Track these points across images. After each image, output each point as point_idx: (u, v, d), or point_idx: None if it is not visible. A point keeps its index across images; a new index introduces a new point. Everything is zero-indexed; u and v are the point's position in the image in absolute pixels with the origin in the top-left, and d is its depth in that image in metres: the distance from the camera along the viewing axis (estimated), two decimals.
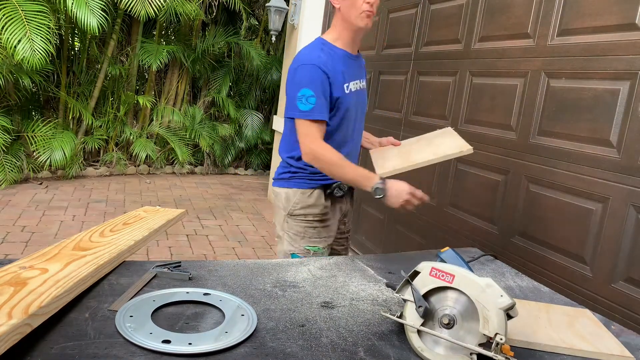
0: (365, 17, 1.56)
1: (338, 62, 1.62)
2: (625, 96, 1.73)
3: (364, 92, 1.77)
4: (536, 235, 2.06)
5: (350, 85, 1.65)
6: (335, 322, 0.98)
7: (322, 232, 1.74)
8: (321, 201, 1.71)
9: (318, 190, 1.70)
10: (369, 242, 3.47)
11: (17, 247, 3.43)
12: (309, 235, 1.73)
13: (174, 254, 3.56)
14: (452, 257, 1.10)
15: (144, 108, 6.17)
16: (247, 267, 1.25)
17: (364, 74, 1.77)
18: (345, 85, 1.63)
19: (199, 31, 6.45)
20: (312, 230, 1.73)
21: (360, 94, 1.73)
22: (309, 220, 1.72)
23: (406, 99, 3.06)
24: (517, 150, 2.18)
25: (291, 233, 1.73)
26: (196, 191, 5.66)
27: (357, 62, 1.73)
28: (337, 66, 1.60)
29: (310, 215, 1.71)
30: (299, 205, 1.71)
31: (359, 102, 1.72)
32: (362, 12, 1.55)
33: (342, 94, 1.61)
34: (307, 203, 1.70)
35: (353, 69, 1.68)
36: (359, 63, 1.74)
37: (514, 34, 2.24)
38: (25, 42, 4.29)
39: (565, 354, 0.95)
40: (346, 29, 1.63)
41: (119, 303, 0.95)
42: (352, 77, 1.66)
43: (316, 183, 1.70)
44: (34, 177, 5.33)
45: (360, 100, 1.73)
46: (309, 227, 1.72)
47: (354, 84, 1.67)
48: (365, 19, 1.56)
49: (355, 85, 1.68)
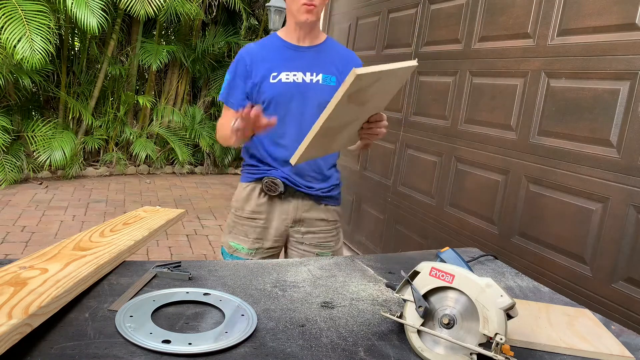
0: (304, 11, 1.52)
1: (270, 51, 1.61)
2: (625, 96, 1.73)
3: (315, 86, 1.59)
4: (536, 235, 2.06)
5: (280, 75, 1.57)
6: (335, 322, 0.98)
7: (249, 233, 1.67)
8: (253, 196, 1.66)
9: (253, 184, 1.67)
10: (369, 242, 3.47)
11: (17, 247, 3.43)
12: (235, 231, 1.69)
13: (174, 254, 3.57)
14: (452, 257, 1.10)
15: (144, 108, 6.17)
16: (247, 267, 1.25)
17: (325, 67, 1.61)
18: (272, 74, 1.57)
19: (199, 31, 6.45)
20: (240, 227, 1.68)
21: (303, 87, 1.58)
22: (238, 215, 1.69)
23: (406, 99, 3.06)
24: (517, 150, 2.18)
25: (226, 224, 1.74)
26: (196, 191, 5.66)
27: (307, 54, 1.62)
28: (267, 54, 1.60)
29: (240, 209, 1.68)
30: (235, 198, 1.71)
31: (300, 95, 1.58)
32: (301, 6, 1.51)
33: (264, 81, 1.57)
34: (240, 196, 1.69)
35: (294, 59, 1.60)
36: (310, 55, 1.62)
37: (514, 34, 2.24)
38: (25, 41, 4.29)
39: (565, 354, 0.95)
40: (291, 22, 1.61)
41: (119, 303, 0.95)
42: (289, 68, 1.58)
43: (251, 177, 1.67)
44: (34, 177, 5.33)
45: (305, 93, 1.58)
46: (238, 222, 1.69)
47: (292, 74, 1.58)
48: (305, 13, 1.52)
49: (294, 77, 1.58)
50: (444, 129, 2.67)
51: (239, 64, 1.61)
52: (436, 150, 2.75)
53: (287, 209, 1.66)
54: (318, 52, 1.64)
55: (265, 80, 1.57)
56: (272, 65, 1.58)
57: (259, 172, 1.65)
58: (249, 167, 1.69)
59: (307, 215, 1.68)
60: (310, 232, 1.69)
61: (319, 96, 1.59)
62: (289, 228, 1.68)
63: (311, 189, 1.65)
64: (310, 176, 1.66)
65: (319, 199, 1.69)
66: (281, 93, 1.57)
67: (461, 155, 2.54)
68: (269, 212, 1.66)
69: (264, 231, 1.67)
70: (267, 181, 1.62)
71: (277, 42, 1.63)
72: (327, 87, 1.60)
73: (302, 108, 1.59)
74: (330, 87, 1.61)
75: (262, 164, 1.66)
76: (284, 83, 1.57)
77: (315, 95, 1.59)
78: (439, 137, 2.72)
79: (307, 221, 1.69)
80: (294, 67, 1.59)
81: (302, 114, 1.59)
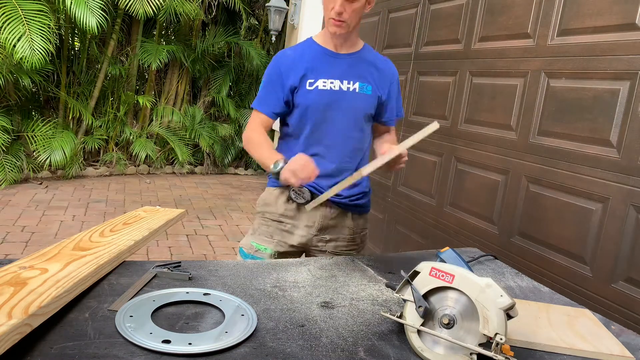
0: (332, 24, 1.49)
1: (307, 56, 1.57)
2: (625, 96, 1.73)
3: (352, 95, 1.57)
4: (536, 235, 2.06)
5: (317, 82, 1.54)
6: (335, 322, 0.98)
7: (275, 234, 1.65)
8: (281, 201, 1.63)
9: (279, 190, 1.64)
10: (369, 242, 3.46)
11: (17, 247, 3.43)
12: (259, 232, 1.67)
13: (174, 254, 3.57)
14: (452, 257, 1.11)
15: (144, 108, 6.17)
16: (247, 267, 1.25)
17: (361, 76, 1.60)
18: (308, 81, 1.54)
19: (199, 31, 6.45)
20: (265, 228, 1.66)
21: (339, 95, 1.56)
22: (265, 217, 1.67)
23: (406, 99, 3.06)
24: (517, 150, 2.18)
25: (251, 229, 1.72)
26: (196, 191, 5.66)
27: (345, 61, 1.59)
28: (304, 60, 1.55)
29: (268, 213, 1.66)
30: (262, 202, 1.69)
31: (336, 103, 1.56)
32: (330, 19, 1.49)
33: (300, 88, 1.54)
34: (267, 201, 1.67)
35: (331, 66, 1.56)
36: (348, 63, 1.59)
37: (514, 34, 2.24)
38: (24, 41, 4.29)
39: (565, 354, 0.95)
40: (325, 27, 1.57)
41: (119, 303, 0.95)
42: (326, 75, 1.55)
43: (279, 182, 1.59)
44: (34, 177, 5.33)
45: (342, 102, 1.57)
46: (264, 224, 1.67)
47: (329, 82, 1.55)
48: (333, 26, 1.49)
49: (331, 84, 1.55)
50: (444, 129, 2.67)
51: (273, 70, 1.57)
52: (436, 150, 2.75)
53: (314, 217, 1.62)
54: (355, 59, 1.60)
55: (301, 87, 1.54)
56: (308, 72, 1.55)
57: None
58: None
59: (332, 223, 1.64)
60: (333, 240, 1.66)
61: (354, 105, 1.58)
62: (313, 236, 1.64)
63: (339, 196, 1.60)
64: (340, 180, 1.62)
65: (346, 207, 1.65)
66: (317, 100, 1.55)
67: (461, 155, 2.54)
68: (296, 218, 1.63)
69: (289, 235, 1.64)
70: (294, 189, 1.59)
71: (314, 47, 1.59)
72: (364, 95, 1.59)
73: (338, 116, 1.57)
74: (366, 95, 1.59)
75: None
76: (320, 90, 1.54)
77: (351, 104, 1.58)
78: (439, 137, 2.72)
79: (332, 230, 1.65)
80: (331, 75, 1.56)
81: (336, 122, 1.57)
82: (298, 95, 1.55)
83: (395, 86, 1.69)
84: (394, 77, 1.68)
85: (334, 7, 1.44)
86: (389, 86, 1.66)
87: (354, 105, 1.58)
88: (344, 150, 1.61)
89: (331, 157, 1.59)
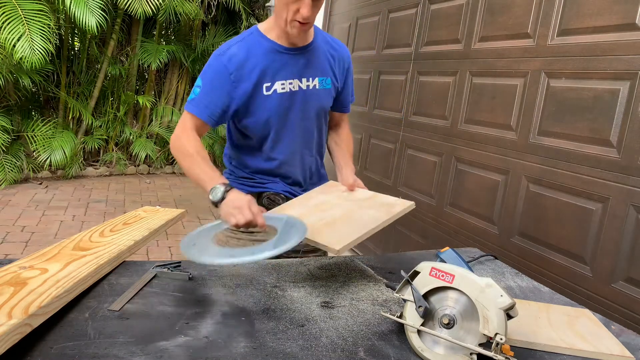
0: (296, 27, 1.31)
1: (258, 56, 1.37)
2: (625, 96, 1.73)
3: (312, 92, 1.45)
4: (536, 235, 2.06)
5: (275, 85, 1.38)
6: (335, 322, 0.98)
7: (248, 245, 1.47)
8: None
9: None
10: (369, 242, 3.47)
11: (17, 247, 3.43)
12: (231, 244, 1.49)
13: (174, 254, 3.56)
14: (452, 257, 1.11)
15: (144, 108, 6.17)
16: (247, 267, 1.25)
17: (320, 69, 1.46)
18: (265, 86, 1.37)
19: (198, 31, 6.45)
20: (236, 242, 1.48)
21: (299, 95, 1.43)
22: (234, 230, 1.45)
23: (406, 99, 3.06)
24: (517, 150, 2.18)
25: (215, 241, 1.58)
26: (196, 191, 5.65)
27: (302, 56, 1.43)
28: (255, 60, 1.36)
29: None
30: None
31: (297, 104, 1.43)
32: (293, 20, 1.30)
33: (256, 95, 1.37)
34: None
35: (288, 65, 1.40)
36: (305, 58, 1.43)
37: (514, 34, 2.24)
38: (24, 40, 4.29)
39: (565, 354, 0.95)
40: (280, 24, 1.34)
41: (119, 303, 0.95)
42: (284, 76, 1.39)
43: (247, 189, 1.48)
44: (34, 177, 5.33)
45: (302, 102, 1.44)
46: (233, 237, 1.49)
47: (287, 83, 1.40)
48: (296, 29, 1.31)
49: (290, 85, 1.41)
50: (444, 129, 2.67)
51: (220, 70, 1.35)
52: (436, 150, 2.75)
53: None
54: (312, 52, 1.45)
55: (257, 93, 1.37)
56: (263, 74, 1.37)
57: (256, 185, 1.51)
58: (243, 179, 1.53)
59: None
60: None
61: (315, 102, 1.47)
62: None
63: None
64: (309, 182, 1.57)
65: None
66: (277, 106, 1.40)
67: (461, 155, 2.54)
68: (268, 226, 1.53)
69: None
70: (268, 196, 1.49)
71: (265, 44, 1.39)
72: (323, 91, 1.48)
73: (300, 117, 1.45)
74: (325, 90, 1.49)
75: (256, 175, 1.53)
76: (280, 94, 1.40)
77: (312, 101, 1.46)
78: (439, 137, 2.73)
79: None
80: (288, 75, 1.40)
81: (299, 123, 1.46)
82: (254, 103, 1.38)
83: (350, 72, 1.58)
84: (348, 63, 1.57)
85: (300, 10, 1.27)
86: (345, 73, 1.56)
87: (315, 103, 1.47)
88: (307, 151, 1.53)
89: (295, 160, 1.51)
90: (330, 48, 1.51)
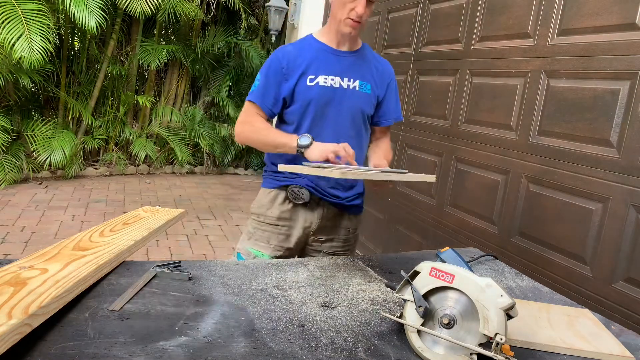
0: (349, 24, 1.48)
1: (308, 53, 1.55)
2: (625, 96, 1.73)
3: (352, 93, 1.57)
4: (536, 235, 2.06)
5: (318, 78, 1.53)
6: (335, 322, 0.98)
7: (272, 239, 1.62)
8: (277, 203, 1.61)
9: (276, 191, 1.62)
10: (369, 242, 3.47)
11: (17, 247, 3.43)
12: (256, 237, 1.63)
13: (174, 254, 3.56)
14: (452, 257, 1.10)
15: (144, 108, 6.17)
16: (247, 267, 1.25)
17: (361, 74, 1.60)
18: (309, 77, 1.53)
19: (198, 31, 6.45)
20: (261, 233, 1.63)
21: (339, 92, 1.56)
22: (260, 221, 1.63)
23: (406, 99, 3.06)
24: (517, 150, 2.18)
25: (245, 231, 1.68)
26: (196, 191, 5.66)
27: (346, 59, 1.58)
28: (305, 56, 1.54)
29: (263, 216, 1.63)
30: (257, 204, 1.65)
31: (336, 100, 1.55)
32: (347, 19, 1.47)
33: (300, 84, 1.53)
34: (263, 202, 1.63)
35: (332, 63, 1.56)
36: (349, 61, 1.59)
37: (514, 34, 2.24)
38: (23, 40, 4.29)
39: (565, 354, 0.95)
40: (333, 26, 1.55)
41: (119, 303, 0.95)
42: (327, 72, 1.54)
43: (276, 183, 1.61)
44: (33, 177, 5.33)
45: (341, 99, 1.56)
46: (259, 228, 1.63)
47: (330, 78, 1.54)
48: (349, 27, 1.49)
49: (331, 81, 1.54)
50: (444, 129, 2.67)
51: (274, 65, 1.54)
52: (436, 150, 2.75)
53: (311, 218, 1.62)
54: (356, 58, 1.61)
55: (302, 83, 1.53)
56: (309, 68, 1.53)
57: (284, 179, 1.60)
58: (273, 174, 1.63)
59: (329, 224, 1.65)
60: (329, 239, 1.67)
61: (354, 103, 1.58)
62: (309, 236, 1.64)
63: (337, 197, 1.61)
64: (337, 183, 1.61)
65: (343, 208, 1.65)
66: (318, 96, 1.53)
67: (461, 155, 2.54)
68: (292, 219, 1.61)
69: (286, 238, 1.62)
70: (292, 189, 1.58)
71: (315, 44, 1.58)
72: (363, 94, 1.59)
73: (337, 113, 1.56)
74: (365, 94, 1.59)
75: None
76: (321, 87, 1.53)
77: (351, 101, 1.57)
78: (439, 137, 2.73)
79: (329, 230, 1.66)
80: (332, 71, 1.55)
81: (336, 119, 1.56)
82: (298, 91, 1.53)
83: (392, 87, 1.69)
84: (391, 77, 1.69)
85: (355, 9, 1.44)
86: (387, 86, 1.67)
87: (354, 103, 1.58)
88: None
89: None
90: (375, 61, 1.65)
